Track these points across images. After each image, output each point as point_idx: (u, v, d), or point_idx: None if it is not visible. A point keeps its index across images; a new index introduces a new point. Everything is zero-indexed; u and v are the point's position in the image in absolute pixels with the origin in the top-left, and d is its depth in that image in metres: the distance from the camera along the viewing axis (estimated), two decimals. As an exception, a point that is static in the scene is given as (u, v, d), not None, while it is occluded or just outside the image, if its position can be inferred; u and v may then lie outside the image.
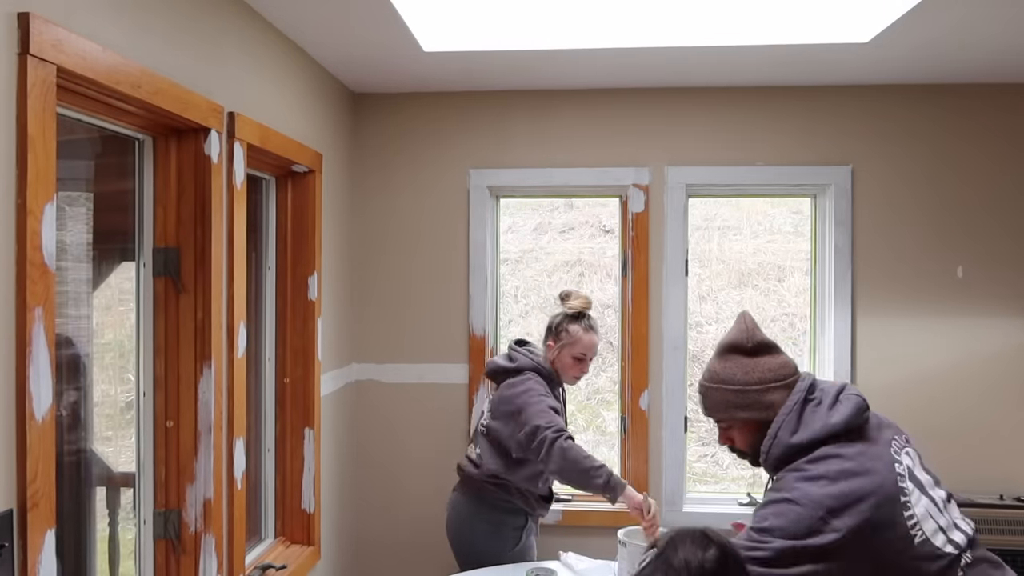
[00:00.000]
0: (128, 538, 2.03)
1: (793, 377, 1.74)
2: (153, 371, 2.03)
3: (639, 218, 3.26)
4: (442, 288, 3.34)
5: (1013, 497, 3.07)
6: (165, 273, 2.02)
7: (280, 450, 2.81)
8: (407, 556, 3.36)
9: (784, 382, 1.73)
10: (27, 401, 1.38)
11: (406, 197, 3.36)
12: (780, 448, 1.67)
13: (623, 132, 3.28)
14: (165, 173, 2.02)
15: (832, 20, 2.50)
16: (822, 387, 1.74)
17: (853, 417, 1.66)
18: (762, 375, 1.73)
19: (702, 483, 3.81)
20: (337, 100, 3.14)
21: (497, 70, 3.02)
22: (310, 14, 2.39)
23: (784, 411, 1.69)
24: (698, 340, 3.92)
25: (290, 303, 2.83)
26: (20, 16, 1.37)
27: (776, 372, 1.73)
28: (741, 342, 1.77)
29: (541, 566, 2.34)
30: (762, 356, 1.76)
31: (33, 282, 1.39)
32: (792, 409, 1.69)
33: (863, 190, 3.21)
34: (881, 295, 3.20)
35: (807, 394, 1.71)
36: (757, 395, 1.72)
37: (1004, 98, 3.16)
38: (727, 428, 1.79)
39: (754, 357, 1.75)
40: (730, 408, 1.75)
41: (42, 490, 1.41)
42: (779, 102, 3.23)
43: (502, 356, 2.72)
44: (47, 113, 1.42)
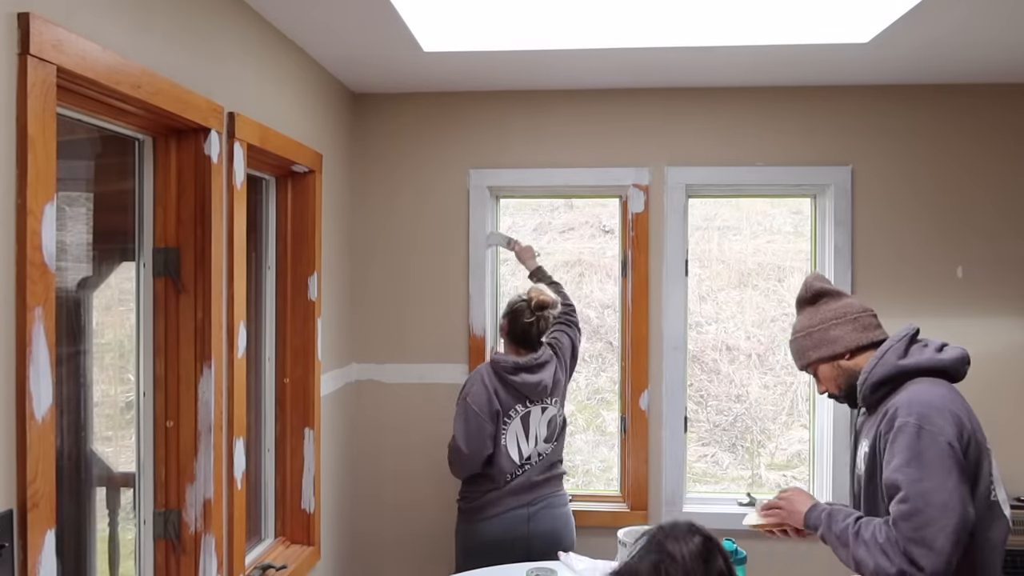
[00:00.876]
0: (128, 538, 2.03)
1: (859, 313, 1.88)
2: (153, 371, 2.03)
3: (639, 218, 3.26)
4: (442, 288, 3.34)
5: (1013, 497, 3.07)
6: (165, 273, 2.02)
7: (280, 450, 2.81)
8: (407, 556, 3.37)
9: (847, 317, 1.87)
10: (27, 401, 1.38)
11: (406, 197, 3.36)
12: (885, 367, 1.77)
13: (623, 132, 3.28)
14: (165, 173, 2.02)
15: (832, 20, 2.50)
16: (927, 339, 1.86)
17: (959, 362, 1.78)
18: (823, 316, 1.90)
19: (702, 483, 3.81)
20: (337, 100, 3.14)
21: (497, 70, 3.02)
22: (310, 14, 2.39)
23: (893, 339, 1.82)
24: (698, 340, 3.92)
25: (290, 303, 2.83)
26: (20, 16, 1.37)
27: (836, 311, 1.89)
28: (802, 295, 1.98)
29: (541, 566, 2.33)
30: (823, 301, 1.93)
31: (33, 282, 1.39)
32: (901, 339, 1.81)
33: (863, 190, 3.21)
34: (881, 295, 3.20)
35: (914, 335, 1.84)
36: (821, 333, 1.89)
37: (1004, 98, 3.16)
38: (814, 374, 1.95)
39: (815, 304, 1.94)
40: (805, 352, 1.92)
41: (42, 490, 1.41)
42: (779, 102, 3.23)
43: None
44: (47, 113, 1.42)
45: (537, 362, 2.72)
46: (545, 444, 2.75)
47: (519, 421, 2.71)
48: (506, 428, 2.69)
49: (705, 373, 4.01)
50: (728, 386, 3.96)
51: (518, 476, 2.70)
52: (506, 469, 2.68)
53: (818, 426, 3.31)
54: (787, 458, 3.87)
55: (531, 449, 2.72)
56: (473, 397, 2.67)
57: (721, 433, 3.93)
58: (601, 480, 3.82)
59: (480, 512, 2.69)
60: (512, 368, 2.69)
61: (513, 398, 2.70)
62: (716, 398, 3.97)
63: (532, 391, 2.70)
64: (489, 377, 2.70)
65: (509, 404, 2.69)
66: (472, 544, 2.70)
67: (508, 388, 2.69)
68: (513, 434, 2.70)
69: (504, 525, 2.66)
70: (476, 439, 2.64)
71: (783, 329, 4.02)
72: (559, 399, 2.81)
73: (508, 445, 2.68)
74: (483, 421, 2.65)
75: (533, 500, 2.71)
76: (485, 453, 2.66)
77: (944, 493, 1.59)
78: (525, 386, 2.69)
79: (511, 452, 2.69)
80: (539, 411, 2.74)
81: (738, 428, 3.91)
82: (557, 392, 2.80)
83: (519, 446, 2.70)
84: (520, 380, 2.69)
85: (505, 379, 2.69)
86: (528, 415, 2.72)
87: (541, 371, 2.73)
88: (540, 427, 2.74)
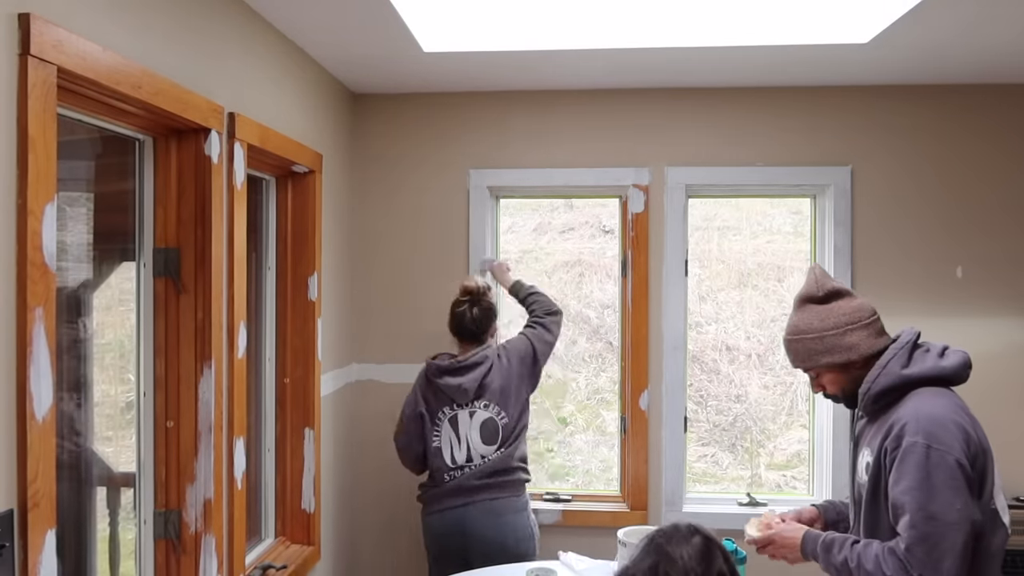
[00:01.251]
0: (128, 538, 2.03)
1: (872, 317, 1.82)
2: (153, 371, 2.03)
3: (639, 218, 3.26)
4: (442, 288, 3.34)
5: (1013, 497, 3.07)
6: (165, 273, 2.03)
7: (280, 450, 2.81)
8: (407, 556, 3.37)
9: (861, 323, 1.81)
10: (27, 401, 1.39)
11: (406, 197, 3.36)
12: (889, 377, 1.74)
13: (623, 132, 3.28)
14: (165, 173, 2.02)
15: (832, 20, 2.50)
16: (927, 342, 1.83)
17: (962, 368, 1.75)
18: (837, 320, 1.81)
19: (702, 483, 3.81)
20: (337, 100, 3.14)
21: (497, 70, 3.02)
22: (310, 14, 2.39)
23: (895, 347, 1.77)
24: (698, 340, 3.92)
25: (290, 303, 2.83)
26: (20, 17, 1.37)
27: (851, 315, 1.81)
28: (812, 292, 1.86)
29: (541, 566, 2.34)
30: (835, 302, 1.84)
31: (33, 282, 1.39)
32: (904, 347, 1.77)
33: (863, 190, 3.21)
34: (881, 295, 3.19)
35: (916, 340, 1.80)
36: (835, 338, 1.80)
37: (1004, 98, 3.17)
38: (817, 376, 1.88)
39: (827, 304, 1.84)
40: (814, 355, 1.83)
41: (42, 490, 1.41)
42: (779, 102, 3.23)
43: None
44: (47, 114, 1.42)
45: (463, 364, 2.75)
46: (486, 447, 2.74)
47: (448, 425, 2.77)
48: (438, 429, 2.77)
49: (705, 373, 4.01)
50: (728, 386, 3.96)
51: (456, 478, 2.73)
52: (440, 468, 2.75)
53: (818, 426, 3.31)
54: (787, 458, 3.87)
55: (464, 452, 2.74)
56: (407, 400, 2.85)
57: (721, 433, 3.93)
58: (601, 480, 3.82)
59: (426, 506, 2.80)
60: (436, 371, 2.78)
61: (439, 400, 2.78)
62: (716, 398, 3.96)
63: (455, 393, 2.74)
64: (420, 382, 2.85)
65: (436, 406, 2.78)
66: (424, 536, 2.82)
67: (435, 390, 2.78)
68: (447, 437, 2.76)
69: (443, 522, 2.73)
70: (405, 436, 2.82)
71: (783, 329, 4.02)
72: (497, 403, 2.75)
73: (442, 447, 2.76)
74: (410, 421, 2.81)
75: (468, 503, 2.70)
76: (414, 450, 2.81)
77: (953, 513, 1.57)
78: (448, 388, 2.74)
79: (444, 453, 2.75)
80: (467, 415, 2.75)
81: (738, 428, 3.91)
82: (489, 395, 2.75)
83: (452, 448, 2.75)
84: (443, 383, 2.75)
85: (432, 381, 2.79)
86: (455, 418, 2.76)
87: (467, 373, 2.74)
88: (471, 431, 2.75)
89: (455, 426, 2.75)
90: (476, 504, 2.69)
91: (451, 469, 2.74)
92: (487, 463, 2.73)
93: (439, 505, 2.74)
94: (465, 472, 2.73)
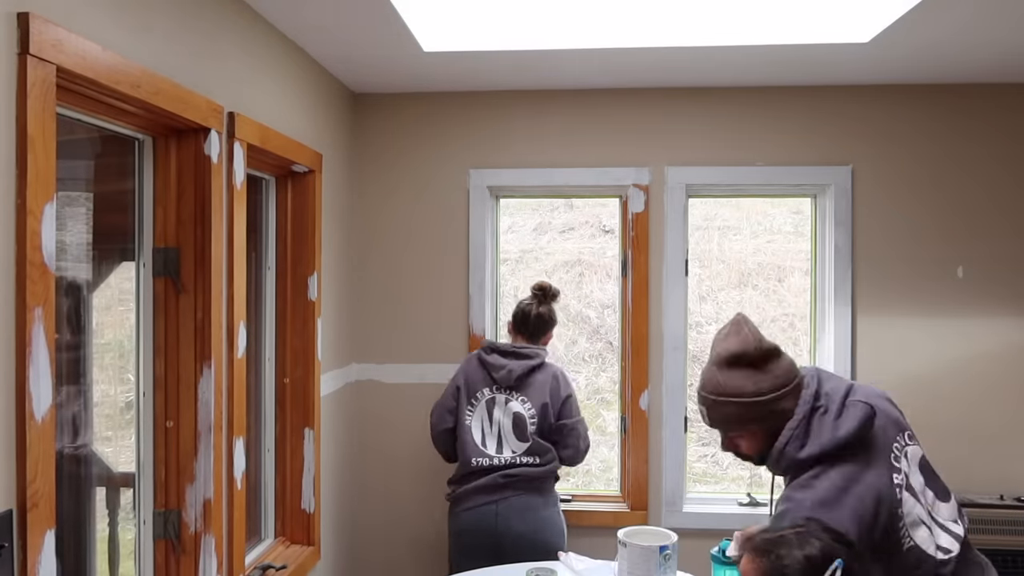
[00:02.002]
0: (128, 538, 2.03)
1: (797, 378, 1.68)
2: (153, 371, 2.03)
3: (639, 218, 3.26)
4: (442, 288, 3.34)
5: (1013, 497, 3.07)
6: (165, 273, 2.02)
7: (280, 450, 2.81)
8: (407, 556, 3.37)
9: (792, 385, 1.67)
10: (27, 401, 1.38)
11: (406, 197, 3.36)
12: (787, 461, 1.65)
13: (623, 132, 3.28)
14: (165, 173, 2.02)
15: (832, 20, 2.50)
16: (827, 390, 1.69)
17: (859, 430, 1.61)
18: (772, 384, 1.65)
19: (702, 483, 3.81)
20: (337, 100, 3.14)
21: (497, 70, 3.02)
22: (310, 14, 2.39)
23: (791, 425, 1.64)
24: (698, 340, 3.92)
25: (290, 303, 2.83)
26: (20, 16, 1.37)
27: (785, 378, 1.67)
28: (747, 351, 1.67)
29: (541, 566, 2.33)
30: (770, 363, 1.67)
31: (33, 282, 1.39)
32: (799, 423, 1.64)
33: (863, 190, 3.21)
34: (881, 295, 3.20)
35: (814, 402, 1.66)
36: (769, 405, 1.65)
37: (1005, 98, 3.16)
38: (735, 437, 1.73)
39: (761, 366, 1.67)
40: (742, 421, 1.68)
41: (42, 490, 1.41)
42: (779, 102, 3.23)
43: None
44: (47, 113, 1.42)
45: (518, 350, 2.81)
46: (518, 441, 2.75)
47: (484, 406, 2.79)
48: (472, 408, 2.80)
49: (705, 373, 4.01)
50: (728, 386, 3.96)
51: (484, 467, 2.73)
52: (469, 451, 2.74)
53: (818, 426, 3.31)
54: (787, 458, 3.86)
55: (495, 440, 2.75)
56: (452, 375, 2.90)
57: (721, 433, 3.93)
58: (601, 480, 3.82)
59: (457, 504, 2.78)
60: (488, 348, 2.85)
61: (481, 380, 2.81)
62: (716, 398, 3.96)
63: (499, 373, 2.77)
64: (468, 359, 2.92)
65: (476, 385, 2.81)
66: (451, 535, 2.79)
67: (481, 368, 2.83)
68: (479, 418, 2.79)
69: (476, 517, 2.71)
70: (438, 410, 2.85)
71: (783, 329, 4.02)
72: (532, 404, 2.76)
73: (472, 427, 2.78)
74: (447, 395, 2.86)
75: (501, 499, 2.70)
76: (443, 426, 2.82)
77: None
78: (493, 367, 2.79)
79: (474, 434, 2.77)
80: (503, 400, 2.78)
81: (738, 428, 3.91)
82: (529, 393, 2.77)
83: (483, 431, 2.77)
84: (491, 360, 2.81)
85: (481, 358, 2.84)
86: (492, 401, 2.78)
87: (518, 360, 2.79)
88: (505, 418, 2.77)
89: (490, 409, 2.78)
90: (509, 500, 2.70)
91: (481, 454, 2.73)
92: (516, 464, 2.72)
93: (471, 502, 2.72)
94: (495, 464, 2.72)
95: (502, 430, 2.76)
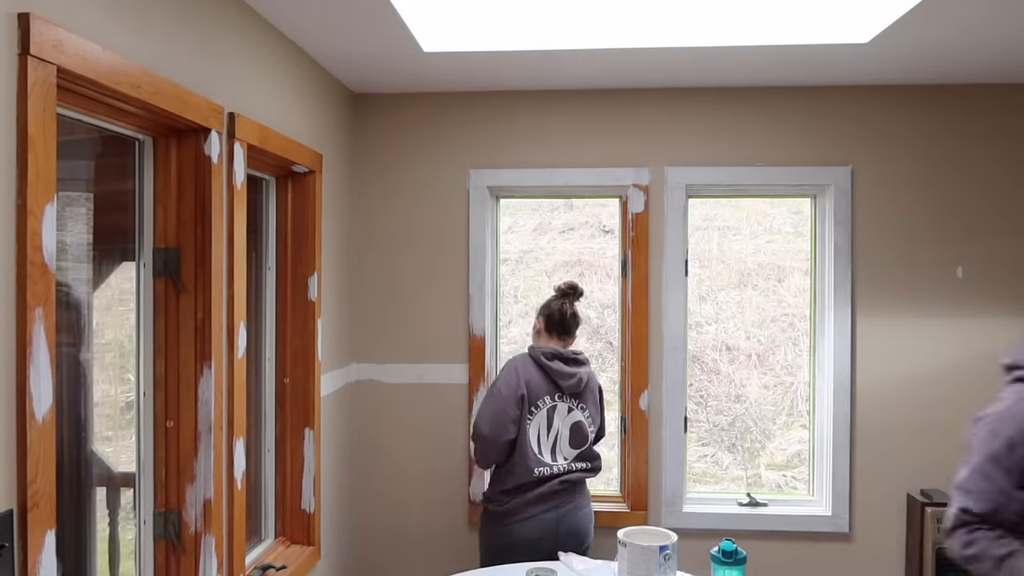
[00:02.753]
0: (128, 538, 2.03)
1: None
2: (153, 371, 2.03)
3: (639, 218, 3.26)
4: (442, 288, 3.34)
5: (1013, 497, 3.06)
6: (165, 273, 2.03)
7: (280, 450, 2.81)
8: (407, 556, 3.37)
9: None
10: (27, 401, 1.38)
11: (406, 197, 3.36)
12: None
13: (623, 132, 3.28)
14: (165, 173, 2.02)
15: (832, 20, 2.50)
16: None
17: None
18: None
19: (702, 483, 3.81)
20: (337, 100, 3.14)
21: (497, 70, 3.02)
22: (310, 14, 2.39)
23: None
24: (698, 340, 3.92)
25: (290, 303, 2.83)
26: (20, 16, 1.37)
27: None
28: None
29: (541, 566, 2.33)
30: None
31: (33, 282, 1.39)
32: None
33: (863, 190, 3.21)
34: (881, 295, 3.20)
35: None
36: None
37: (1004, 98, 3.17)
38: None
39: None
40: None
41: (42, 490, 1.41)
42: (779, 102, 3.23)
43: None
44: (47, 113, 1.42)
45: (576, 357, 2.80)
46: (571, 449, 2.74)
47: (544, 414, 2.72)
48: (531, 417, 2.71)
49: (705, 373, 4.01)
50: (728, 386, 3.96)
51: (542, 476, 2.67)
52: (530, 461, 2.66)
53: (818, 426, 3.31)
54: (787, 458, 3.86)
55: (550, 446, 2.71)
56: (503, 382, 2.71)
57: (721, 433, 3.93)
58: (601, 480, 3.81)
59: (511, 515, 2.68)
60: (550, 355, 2.75)
61: (544, 386, 2.72)
62: (716, 398, 3.96)
63: (567, 381, 2.73)
64: (523, 364, 2.76)
65: (538, 392, 2.71)
66: (503, 543, 2.68)
67: (543, 373, 2.73)
68: (536, 426, 2.71)
69: (537, 528, 2.66)
70: (498, 421, 2.65)
71: (783, 329, 4.02)
72: (589, 411, 2.81)
73: (530, 435, 2.69)
74: (507, 403, 2.66)
75: (560, 504, 2.70)
76: (505, 437, 2.65)
77: None
78: (560, 374, 2.72)
79: (531, 442, 2.68)
80: (565, 409, 2.76)
81: (738, 428, 3.91)
82: (587, 400, 2.81)
83: (540, 439, 2.71)
84: (556, 367, 2.72)
85: (541, 363, 2.73)
86: (554, 410, 2.74)
87: (580, 366, 2.79)
88: (564, 427, 2.74)
89: (551, 417, 2.73)
90: (566, 505, 2.70)
91: (541, 463, 2.68)
92: (572, 472, 2.72)
93: (529, 512, 2.66)
94: (553, 472, 2.69)
95: (559, 438, 2.74)
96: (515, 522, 2.66)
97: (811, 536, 3.22)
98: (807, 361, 3.41)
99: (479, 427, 2.67)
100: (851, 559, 3.21)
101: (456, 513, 3.34)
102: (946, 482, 3.17)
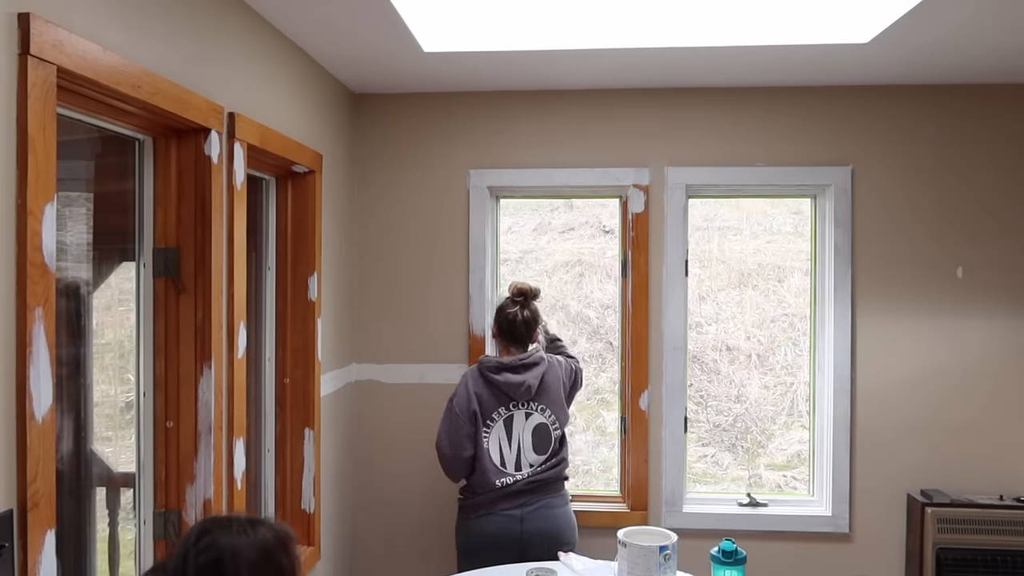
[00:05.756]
0: (128, 538, 2.03)
1: None
2: (153, 371, 2.03)
3: (639, 218, 3.26)
4: (442, 288, 3.34)
5: (1013, 497, 3.07)
6: (165, 273, 2.03)
7: (280, 450, 2.81)
8: (407, 556, 3.37)
9: None
10: (27, 401, 1.38)
11: (406, 197, 3.36)
12: None
13: (623, 132, 3.28)
14: (165, 173, 2.02)
15: (832, 20, 2.50)
16: None
17: None
18: None
19: (702, 483, 3.81)
20: (337, 100, 3.14)
21: (497, 70, 3.02)
22: (310, 14, 2.39)
23: None
24: (698, 340, 3.92)
25: (290, 303, 2.83)
26: (20, 16, 1.37)
27: None
28: None
29: (541, 566, 2.33)
30: None
31: (33, 282, 1.39)
32: None
33: (863, 190, 3.21)
34: (881, 295, 3.20)
35: None
36: None
37: (1005, 98, 3.17)
38: None
39: None
40: None
41: (42, 490, 1.41)
42: (779, 102, 3.23)
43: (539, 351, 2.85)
44: (47, 113, 1.42)
45: (523, 362, 2.73)
46: (536, 455, 2.72)
47: (502, 425, 2.71)
48: (488, 431, 2.70)
49: (705, 373, 4.01)
50: (728, 386, 3.96)
51: (506, 486, 2.67)
52: (488, 472, 2.67)
53: (818, 426, 3.31)
54: (787, 458, 3.86)
55: (514, 457, 2.70)
56: (457, 398, 2.72)
57: (721, 433, 3.93)
58: (601, 480, 3.81)
59: (475, 510, 2.70)
60: (495, 367, 2.72)
61: (496, 399, 2.71)
62: (716, 398, 3.96)
63: (515, 391, 2.70)
64: (473, 378, 2.74)
65: (492, 406, 2.70)
66: (468, 540, 2.72)
67: (491, 388, 2.71)
68: (496, 438, 2.70)
69: (497, 524, 2.66)
70: (455, 439, 2.68)
71: (783, 329, 4.02)
72: (551, 410, 2.76)
73: (490, 449, 2.69)
74: (461, 421, 2.68)
75: (526, 503, 2.68)
76: (464, 454, 2.69)
77: None
78: (507, 385, 2.69)
79: (493, 456, 2.69)
80: (523, 416, 2.73)
81: (738, 428, 3.91)
82: (545, 399, 2.75)
83: (501, 451, 2.70)
84: (503, 379, 2.70)
85: (488, 378, 2.71)
86: (511, 419, 2.72)
87: (526, 372, 2.72)
88: (524, 434, 2.72)
89: (509, 427, 2.71)
90: (533, 503, 2.68)
91: (502, 474, 2.68)
92: (537, 473, 2.70)
93: (491, 508, 2.67)
94: (517, 479, 2.68)
95: (522, 445, 2.72)
96: (479, 517, 2.68)
97: (811, 536, 3.22)
98: (807, 361, 3.41)
99: (440, 444, 2.72)
100: (851, 559, 3.21)
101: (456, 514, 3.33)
102: (946, 482, 3.18)
